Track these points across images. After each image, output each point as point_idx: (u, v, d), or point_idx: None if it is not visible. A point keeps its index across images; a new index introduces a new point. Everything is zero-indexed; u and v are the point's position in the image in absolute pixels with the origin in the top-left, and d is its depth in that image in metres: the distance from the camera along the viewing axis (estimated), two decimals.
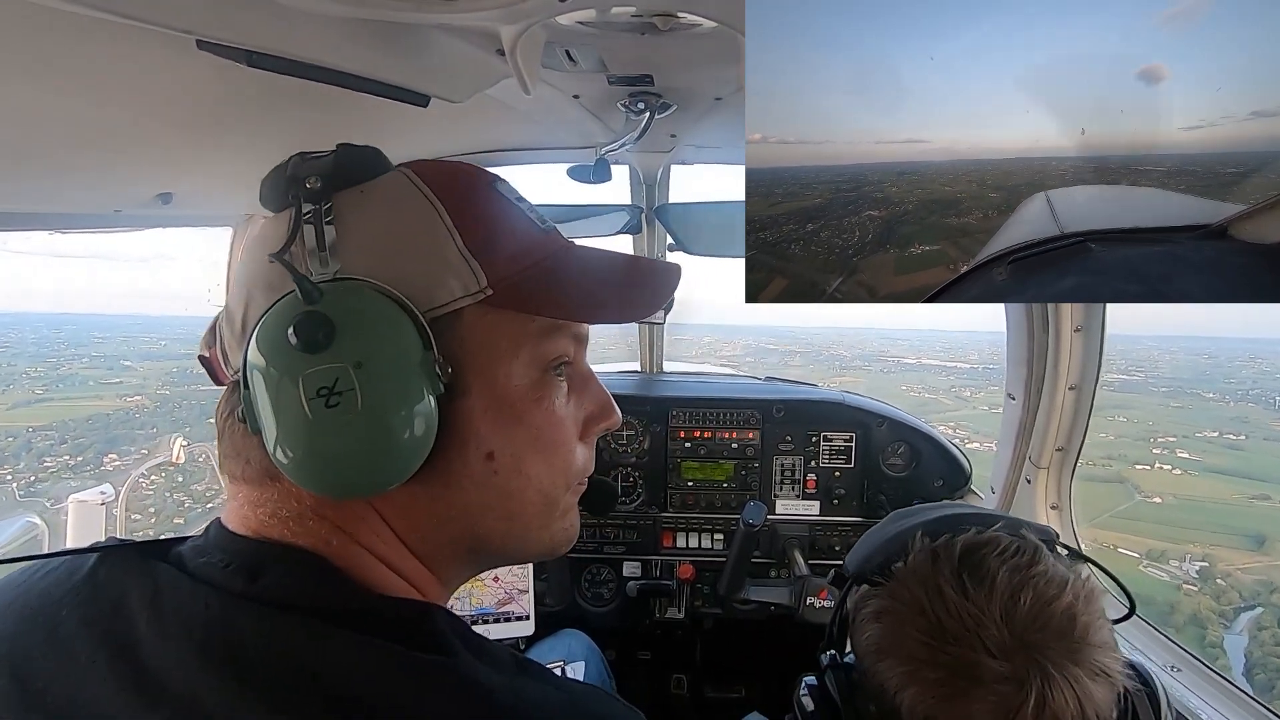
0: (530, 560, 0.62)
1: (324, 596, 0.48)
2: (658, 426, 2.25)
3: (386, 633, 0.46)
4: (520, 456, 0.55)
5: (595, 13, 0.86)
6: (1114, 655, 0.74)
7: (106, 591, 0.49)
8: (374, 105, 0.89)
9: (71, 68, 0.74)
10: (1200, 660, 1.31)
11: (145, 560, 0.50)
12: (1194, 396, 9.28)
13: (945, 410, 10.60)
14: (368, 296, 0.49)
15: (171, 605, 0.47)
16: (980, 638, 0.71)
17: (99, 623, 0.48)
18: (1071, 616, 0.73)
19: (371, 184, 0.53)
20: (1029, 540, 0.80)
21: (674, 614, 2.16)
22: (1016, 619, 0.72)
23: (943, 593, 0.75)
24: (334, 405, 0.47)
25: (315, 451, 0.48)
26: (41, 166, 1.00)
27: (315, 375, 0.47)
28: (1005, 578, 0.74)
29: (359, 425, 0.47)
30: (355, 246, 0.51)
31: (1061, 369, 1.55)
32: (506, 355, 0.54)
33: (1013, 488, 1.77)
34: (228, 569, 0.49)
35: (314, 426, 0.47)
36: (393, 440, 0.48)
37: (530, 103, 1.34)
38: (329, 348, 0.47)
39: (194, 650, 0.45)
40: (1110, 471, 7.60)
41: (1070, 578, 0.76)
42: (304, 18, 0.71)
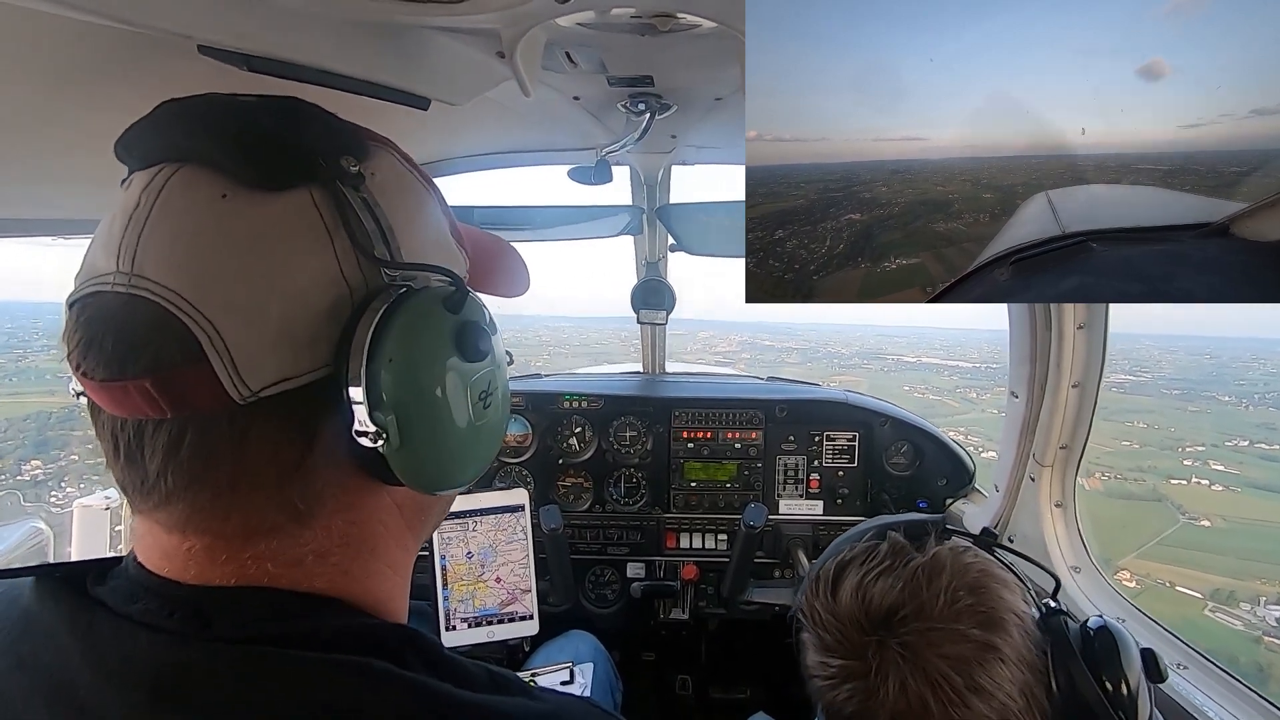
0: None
1: (287, 626, 0.45)
2: (660, 427, 2.25)
3: (361, 653, 0.44)
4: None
5: (595, 14, 0.87)
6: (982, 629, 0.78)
7: (39, 627, 0.45)
8: (375, 108, 0.89)
9: (73, 73, 0.74)
10: (1206, 657, 1.31)
11: (76, 595, 0.46)
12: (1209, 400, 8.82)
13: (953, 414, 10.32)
14: (474, 299, 0.53)
15: (110, 645, 0.43)
16: (847, 644, 0.81)
17: (31, 660, 0.44)
18: (914, 596, 0.79)
19: (372, 163, 0.50)
20: (890, 540, 0.88)
21: (678, 615, 2.16)
22: (867, 620, 0.80)
23: (819, 613, 0.85)
24: (489, 406, 0.53)
25: (470, 451, 0.52)
26: (41, 172, 1.00)
27: (479, 381, 0.52)
28: (856, 583, 0.83)
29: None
30: (403, 238, 0.50)
31: (1065, 367, 1.54)
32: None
33: (1016, 486, 1.76)
34: (172, 618, 0.44)
35: (475, 429, 0.52)
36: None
37: (530, 105, 1.34)
38: (490, 354, 0.52)
39: (143, 691, 0.41)
40: (1146, 488, 7.03)
41: (916, 561, 0.83)
42: (304, 21, 0.71)
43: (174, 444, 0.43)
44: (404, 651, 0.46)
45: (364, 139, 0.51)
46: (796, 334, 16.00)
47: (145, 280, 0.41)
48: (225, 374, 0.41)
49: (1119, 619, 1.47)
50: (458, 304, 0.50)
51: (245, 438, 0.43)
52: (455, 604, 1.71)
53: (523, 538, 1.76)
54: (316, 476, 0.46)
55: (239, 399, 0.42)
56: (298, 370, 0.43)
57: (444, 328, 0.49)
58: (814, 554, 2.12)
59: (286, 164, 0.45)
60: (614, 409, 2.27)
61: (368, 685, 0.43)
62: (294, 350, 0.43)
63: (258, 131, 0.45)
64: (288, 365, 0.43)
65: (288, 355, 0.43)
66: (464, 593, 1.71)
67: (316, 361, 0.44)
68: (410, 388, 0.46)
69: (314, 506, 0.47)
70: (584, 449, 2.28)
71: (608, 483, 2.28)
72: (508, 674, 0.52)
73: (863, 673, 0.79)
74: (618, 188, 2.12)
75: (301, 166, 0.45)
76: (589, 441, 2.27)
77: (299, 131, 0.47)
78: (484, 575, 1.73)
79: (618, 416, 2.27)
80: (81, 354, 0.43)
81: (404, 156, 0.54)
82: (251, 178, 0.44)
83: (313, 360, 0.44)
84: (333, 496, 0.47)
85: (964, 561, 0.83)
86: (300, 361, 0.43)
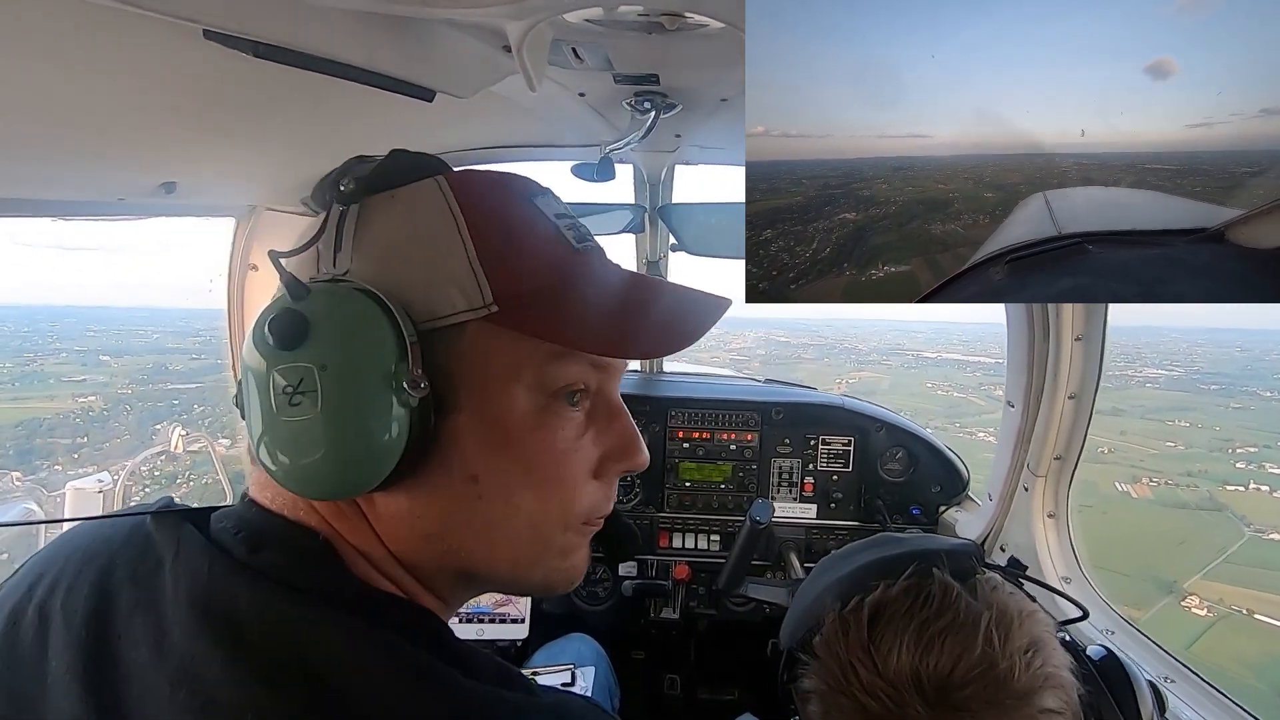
0: (526, 595, 0.61)
1: (316, 578, 0.49)
2: (656, 426, 2.25)
3: (375, 622, 0.47)
4: (509, 485, 0.52)
5: (602, 11, 0.87)
6: (1049, 686, 0.69)
7: (153, 548, 0.52)
8: (380, 99, 0.89)
9: (78, 55, 0.74)
10: (1194, 671, 1.31)
11: (183, 521, 0.53)
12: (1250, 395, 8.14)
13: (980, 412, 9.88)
14: (352, 300, 0.48)
15: (185, 566, 0.49)
16: (902, 716, 0.68)
17: (144, 578, 0.50)
18: (990, 665, 0.67)
19: (404, 189, 0.53)
20: (938, 580, 0.74)
21: (669, 614, 2.16)
22: (930, 688, 0.67)
23: (858, 673, 0.70)
24: (296, 404, 0.47)
25: (276, 446, 0.49)
26: (45, 153, 1.00)
27: (285, 372, 0.47)
28: (911, 641, 0.69)
29: (315, 427, 0.47)
30: (369, 251, 0.51)
31: (1061, 378, 1.54)
32: (505, 376, 0.52)
33: (1010, 495, 1.77)
34: (237, 536, 0.51)
35: (277, 422, 0.48)
36: (346, 447, 0.48)
37: (536, 100, 1.34)
38: (300, 347, 0.47)
39: (195, 612, 0.46)
40: (1201, 496, 6.31)
41: (984, 615, 0.70)
42: (312, 10, 0.71)
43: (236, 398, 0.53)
44: (419, 630, 0.50)
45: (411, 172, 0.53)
46: (812, 330, 15.77)
47: None
48: None
49: (1108, 631, 1.48)
50: (299, 292, 0.48)
51: None
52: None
53: None
54: None
55: None
56: None
57: (269, 313, 0.48)
58: (806, 557, 2.12)
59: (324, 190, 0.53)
60: None
61: (382, 657, 0.45)
62: None
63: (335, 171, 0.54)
64: None
65: None
66: None
67: None
68: (242, 369, 0.50)
69: None
70: None
71: None
72: (512, 668, 0.54)
73: None
74: (620, 185, 2.12)
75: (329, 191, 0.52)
76: None
77: (348, 165, 0.54)
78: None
79: None
80: None
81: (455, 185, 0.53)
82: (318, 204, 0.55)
83: None
84: None
85: (1023, 610, 0.73)
86: None
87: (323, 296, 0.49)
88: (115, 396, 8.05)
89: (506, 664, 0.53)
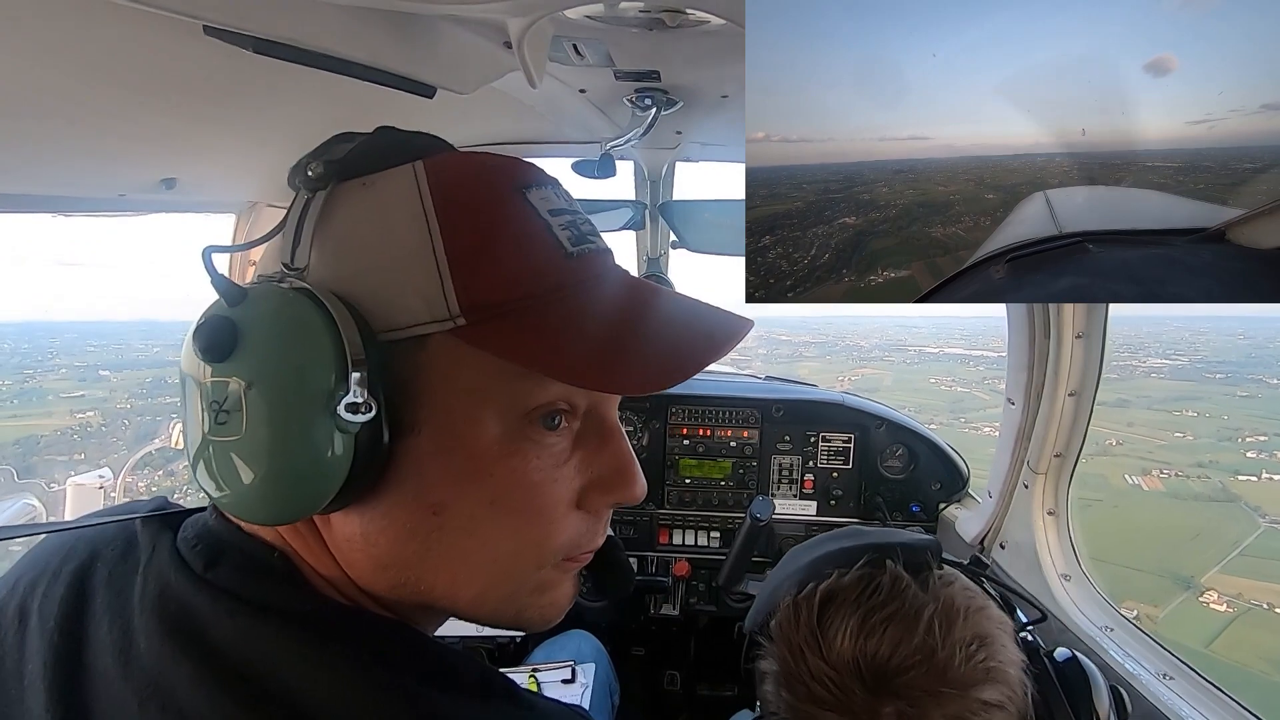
0: (498, 628, 0.54)
1: (274, 595, 0.46)
2: (656, 423, 2.25)
3: (339, 639, 0.45)
4: (474, 517, 0.46)
5: (603, 7, 0.86)
6: (991, 680, 0.70)
7: (133, 550, 0.50)
8: (380, 95, 0.89)
9: (78, 51, 0.74)
10: (1192, 668, 1.31)
11: (165, 524, 0.51)
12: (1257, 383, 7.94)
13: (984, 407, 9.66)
14: (293, 307, 0.42)
15: (154, 574, 0.47)
16: (846, 702, 0.70)
17: (119, 580, 0.49)
18: (929, 654, 0.68)
19: (378, 176, 0.46)
20: (890, 571, 0.76)
21: (669, 610, 2.17)
22: (869, 674, 0.69)
23: (805, 658, 0.72)
24: (221, 423, 0.42)
25: (206, 466, 0.44)
26: (46, 149, 1.00)
27: (212, 387, 0.43)
28: (855, 627, 0.71)
29: (244, 449, 0.42)
30: (328, 247, 0.45)
31: (1062, 375, 1.54)
32: (472, 396, 0.45)
33: (1010, 493, 1.77)
34: (195, 549, 0.48)
35: (206, 440, 0.43)
36: (276, 473, 0.42)
37: (537, 96, 1.34)
38: (227, 360, 0.42)
39: (163, 625, 0.45)
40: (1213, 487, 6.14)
41: (929, 606, 0.72)
42: (312, 6, 0.71)
43: None
44: (389, 645, 0.46)
45: (391, 154, 0.47)
46: (813, 328, 15.73)
47: None
48: None
49: (1106, 628, 1.48)
50: (234, 297, 0.43)
51: None
52: None
53: None
54: None
55: None
56: None
57: (201, 317, 0.44)
58: None
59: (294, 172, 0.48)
60: None
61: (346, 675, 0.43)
62: None
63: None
64: None
65: None
66: None
67: None
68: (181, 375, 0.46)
69: None
70: None
71: None
72: (496, 675, 0.51)
73: None
74: (621, 182, 2.12)
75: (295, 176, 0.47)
76: None
77: (324, 146, 0.49)
78: None
79: None
80: None
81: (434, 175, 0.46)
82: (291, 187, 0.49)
83: None
84: None
85: (971, 605, 0.75)
86: None
87: (260, 302, 0.43)
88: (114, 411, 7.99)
89: (491, 670, 0.51)
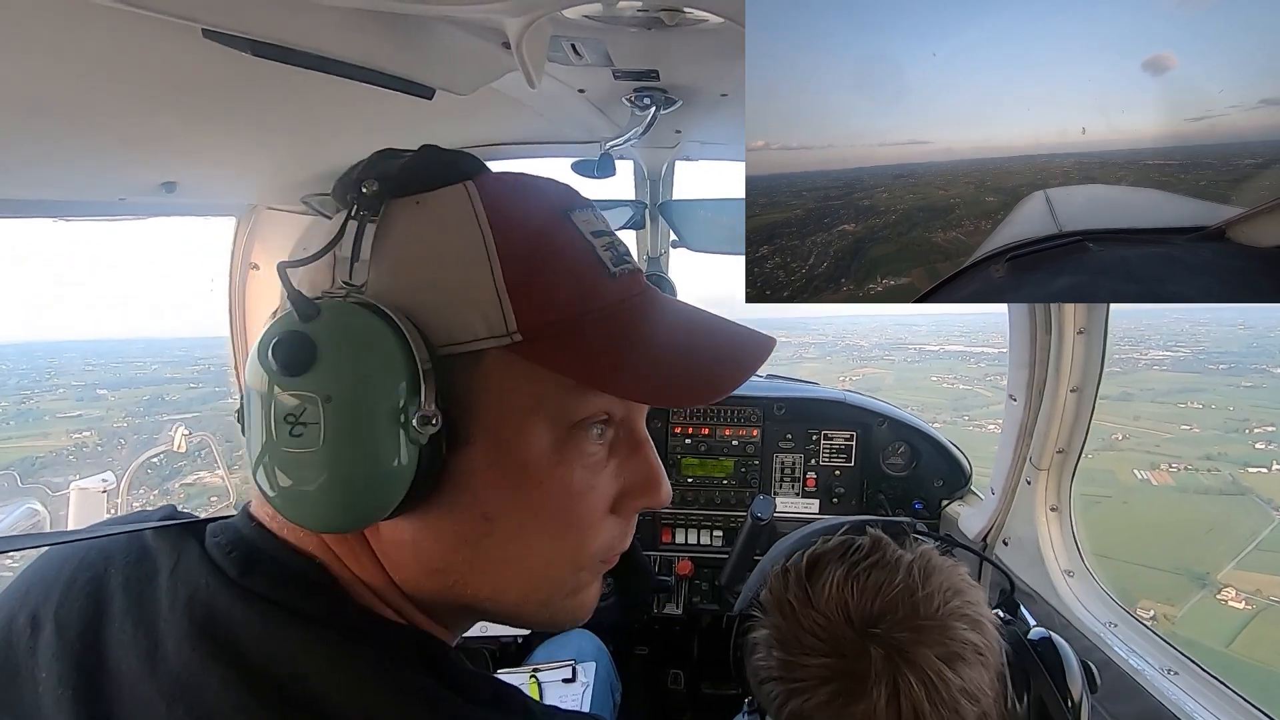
0: (530, 629, 0.58)
1: (309, 603, 0.47)
2: (658, 422, 2.25)
3: (372, 647, 0.46)
4: (522, 525, 0.49)
5: (601, 7, 0.86)
6: (967, 620, 0.75)
7: (150, 557, 0.50)
8: (379, 97, 0.89)
9: (77, 55, 0.74)
10: (1197, 664, 1.31)
11: (185, 532, 0.51)
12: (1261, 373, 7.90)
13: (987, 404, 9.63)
14: (365, 323, 0.44)
15: (184, 579, 0.48)
16: (837, 646, 0.74)
17: (136, 586, 0.49)
18: (910, 594, 0.75)
19: (431, 195, 0.49)
20: (870, 535, 0.83)
21: (672, 610, 2.17)
22: (856, 616, 0.75)
23: (796, 611, 0.77)
24: (297, 435, 0.44)
25: (274, 474, 0.45)
26: (46, 153, 1.00)
27: (287, 399, 0.44)
28: (841, 577, 0.77)
29: (317, 460, 0.44)
30: (388, 264, 0.47)
31: (1064, 371, 1.54)
32: (524, 410, 0.48)
33: (1013, 489, 1.77)
34: (230, 554, 0.49)
35: (277, 450, 0.45)
36: (349, 483, 0.44)
37: (535, 96, 1.34)
38: (305, 374, 0.44)
39: (193, 626, 0.45)
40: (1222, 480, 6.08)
41: (908, 558, 0.78)
42: (310, 8, 0.71)
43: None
44: (421, 656, 0.48)
45: (440, 174, 0.50)
46: (812, 329, 15.70)
47: None
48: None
49: (1110, 624, 1.48)
50: (308, 313, 0.44)
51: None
52: None
53: None
54: None
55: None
56: None
57: (274, 333, 0.44)
58: None
59: (339, 191, 0.50)
60: None
61: (378, 681, 0.45)
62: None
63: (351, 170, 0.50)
64: None
65: None
66: None
67: None
68: (246, 388, 0.47)
69: None
70: None
71: None
72: (510, 689, 0.53)
73: (849, 672, 0.73)
74: (621, 182, 2.12)
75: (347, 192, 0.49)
76: None
77: (369, 164, 0.50)
78: None
79: None
80: None
81: (487, 194, 0.49)
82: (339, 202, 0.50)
83: None
84: None
85: (947, 563, 0.81)
86: None
87: (333, 318, 0.45)
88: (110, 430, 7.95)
89: (504, 684, 0.52)
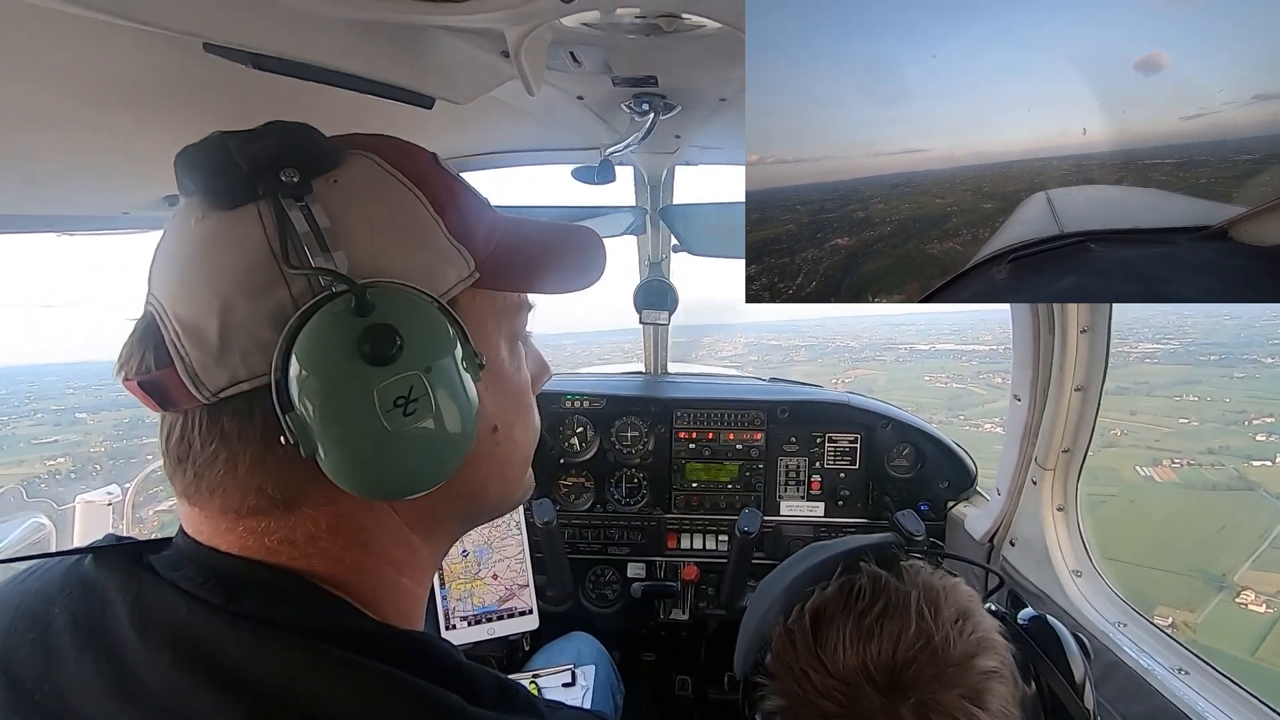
0: (489, 518, 0.65)
1: (303, 617, 0.47)
2: (662, 428, 2.25)
3: (371, 655, 0.46)
4: (511, 424, 0.59)
5: (599, 14, 0.87)
6: (984, 649, 0.73)
7: (96, 591, 0.49)
8: (379, 107, 0.89)
9: (79, 70, 0.75)
10: (1208, 663, 1.30)
11: (131, 563, 0.50)
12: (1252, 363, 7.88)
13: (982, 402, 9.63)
14: (408, 298, 0.49)
15: (154, 609, 0.47)
16: (854, 710, 0.71)
17: (86, 621, 0.47)
18: (927, 639, 0.71)
19: (341, 171, 0.51)
20: (866, 573, 0.79)
21: (678, 615, 2.16)
22: (879, 676, 0.71)
23: (811, 680, 0.74)
24: (411, 413, 0.47)
25: (393, 460, 0.48)
26: (49, 168, 1.01)
27: (390, 387, 0.46)
28: (853, 635, 0.73)
29: (437, 426, 0.48)
30: (355, 242, 0.49)
31: (1067, 371, 1.54)
32: (493, 332, 0.57)
33: (1018, 489, 1.76)
34: (205, 585, 0.47)
35: (394, 436, 0.47)
36: (461, 433, 0.50)
37: (535, 104, 1.34)
38: (400, 358, 0.47)
39: (177, 655, 0.44)
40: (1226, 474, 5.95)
41: (913, 594, 0.75)
42: (309, 20, 0.71)
43: (168, 433, 0.50)
44: (420, 660, 0.49)
45: (332, 150, 0.52)
46: (803, 331, 15.64)
47: (150, 294, 0.50)
48: (188, 377, 0.47)
49: (1120, 624, 1.47)
50: (366, 307, 0.46)
51: (218, 432, 0.48)
52: (454, 602, 1.71)
53: (517, 533, 1.77)
54: (292, 468, 0.48)
55: (203, 399, 0.47)
56: (249, 374, 0.47)
57: (345, 332, 0.46)
58: None
59: (234, 183, 0.48)
60: (616, 409, 2.27)
61: (383, 690, 0.45)
62: (242, 356, 0.47)
63: (222, 158, 0.48)
64: (240, 369, 0.47)
65: (237, 360, 0.47)
66: (462, 591, 1.72)
67: (265, 366, 0.47)
68: (312, 393, 0.46)
69: (295, 496, 0.49)
70: (585, 449, 2.28)
71: (609, 483, 2.28)
72: (517, 688, 0.53)
73: None
74: (621, 188, 2.12)
75: (246, 184, 0.48)
76: (590, 441, 2.27)
77: (255, 151, 0.49)
78: (480, 573, 1.73)
79: (619, 416, 2.27)
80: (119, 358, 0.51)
81: (391, 161, 0.53)
82: (213, 201, 0.49)
83: (262, 365, 0.47)
84: (314, 489, 0.49)
85: (945, 584, 0.78)
86: (251, 366, 0.47)
87: (383, 301, 0.47)
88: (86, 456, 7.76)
89: (510, 683, 0.53)
